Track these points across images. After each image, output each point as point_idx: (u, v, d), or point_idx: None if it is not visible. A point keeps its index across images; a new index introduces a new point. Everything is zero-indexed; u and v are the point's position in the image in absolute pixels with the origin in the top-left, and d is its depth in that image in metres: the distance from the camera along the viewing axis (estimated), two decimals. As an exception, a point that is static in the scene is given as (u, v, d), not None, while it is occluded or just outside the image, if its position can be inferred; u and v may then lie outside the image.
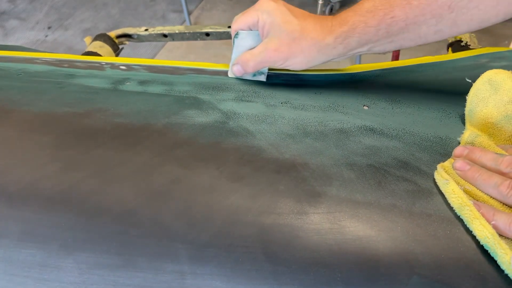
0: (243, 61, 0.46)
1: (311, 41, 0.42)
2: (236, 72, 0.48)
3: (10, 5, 2.30)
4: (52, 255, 0.32)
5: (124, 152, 0.38)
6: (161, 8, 2.19)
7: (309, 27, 0.42)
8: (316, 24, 0.42)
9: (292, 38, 0.42)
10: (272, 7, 0.43)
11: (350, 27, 0.41)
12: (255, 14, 0.44)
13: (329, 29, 0.42)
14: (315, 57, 0.43)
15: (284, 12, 0.43)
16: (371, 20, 0.41)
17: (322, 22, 0.43)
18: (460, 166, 0.34)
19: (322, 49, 0.43)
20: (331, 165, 0.37)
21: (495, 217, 0.30)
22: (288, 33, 0.42)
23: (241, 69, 0.47)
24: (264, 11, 0.43)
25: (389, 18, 0.40)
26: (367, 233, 0.31)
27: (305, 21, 0.42)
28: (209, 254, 0.31)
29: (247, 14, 0.45)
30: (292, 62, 0.44)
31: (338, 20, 0.42)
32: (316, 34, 0.42)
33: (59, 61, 0.54)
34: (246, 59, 0.46)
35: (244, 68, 0.46)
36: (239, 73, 0.48)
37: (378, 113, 0.43)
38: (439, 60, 0.52)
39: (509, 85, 0.38)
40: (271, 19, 0.43)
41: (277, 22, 0.42)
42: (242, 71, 0.47)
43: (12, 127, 0.42)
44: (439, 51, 1.64)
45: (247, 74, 0.48)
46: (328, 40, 0.42)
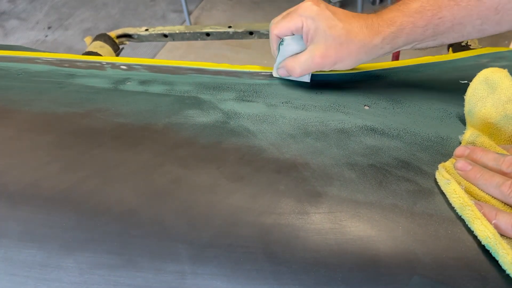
0: (289, 68, 0.46)
1: (358, 43, 0.42)
2: (282, 74, 0.48)
3: (10, 5, 2.30)
4: (53, 255, 0.32)
5: (124, 152, 0.38)
6: (161, 8, 2.19)
7: (355, 29, 0.42)
8: (361, 26, 0.42)
9: (339, 42, 0.42)
10: (315, 12, 0.42)
11: (398, 28, 0.41)
12: (299, 20, 0.43)
13: (376, 30, 0.42)
14: (362, 58, 0.43)
15: (329, 17, 0.42)
16: (419, 21, 0.41)
17: (367, 23, 0.42)
18: (461, 166, 0.34)
19: (370, 50, 0.42)
20: (332, 165, 0.37)
21: (497, 217, 0.29)
22: (334, 38, 0.42)
23: (287, 73, 0.47)
24: (309, 17, 0.42)
25: (437, 18, 0.40)
26: (368, 233, 0.31)
27: (350, 24, 0.42)
28: (209, 254, 0.31)
29: (289, 19, 0.44)
30: (339, 65, 0.44)
31: (385, 20, 0.42)
32: (363, 37, 0.42)
33: (60, 61, 0.54)
34: (292, 66, 0.45)
35: (291, 73, 0.46)
36: (285, 75, 0.48)
37: (379, 113, 0.43)
38: (439, 60, 0.52)
39: (506, 84, 0.38)
40: (316, 25, 0.42)
41: (322, 27, 0.42)
42: (288, 74, 0.47)
43: (12, 127, 0.42)
44: (440, 51, 1.64)
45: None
46: (376, 41, 0.42)
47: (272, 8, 2.06)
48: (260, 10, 2.07)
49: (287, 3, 2.08)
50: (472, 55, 0.53)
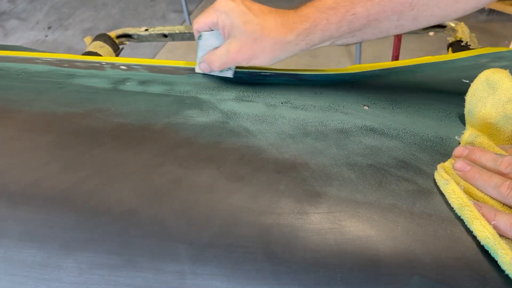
0: (208, 61, 0.47)
1: (272, 40, 0.42)
2: (203, 69, 0.49)
3: (10, 5, 2.30)
4: (53, 255, 0.32)
5: (124, 152, 0.38)
6: (161, 8, 2.19)
7: (270, 25, 0.42)
8: (276, 22, 0.42)
9: (253, 38, 0.42)
10: (230, 7, 0.42)
11: (312, 24, 0.41)
12: (215, 15, 0.43)
13: (291, 27, 0.42)
14: (278, 54, 0.43)
15: (243, 12, 0.42)
16: (333, 17, 0.41)
17: (283, 19, 0.42)
18: (460, 166, 0.34)
19: (284, 46, 0.42)
20: (332, 165, 0.37)
21: (496, 218, 0.30)
22: (248, 34, 0.42)
23: (207, 67, 0.47)
24: (223, 12, 0.43)
25: (350, 15, 0.40)
26: (367, 233, 0.31)
27: (265, 20, 0.42)
28: (209, 254, 0.31)
29: (206, 14, 0.45)
30: (256, 61, 0.44)
31: (299, 16, 0.42)
32: (277, 33, 0.42)
33: (60, 61, 0.54)
34: (211, 60, 0.46)
35: (211, 67, 0.47)
36: (206, 70, 0.48)
37: (379, 113, 0.43)
38: (439, 60, 0.52)
39: (507, 84, 0.38)
40: (230, 21, 0.42)
41: (237, 23, 0.42)
42: (209, 69, 0.48)
43: (12, 127, 0.42)
44: (439, 51, 1.64)
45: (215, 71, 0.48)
46: (290, 37, 0.42)
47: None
48: (260, 10, 2.06)
49: (286, 3, 2.08)
50: (472, 55, 0.53)
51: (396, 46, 1.34)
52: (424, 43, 1.68)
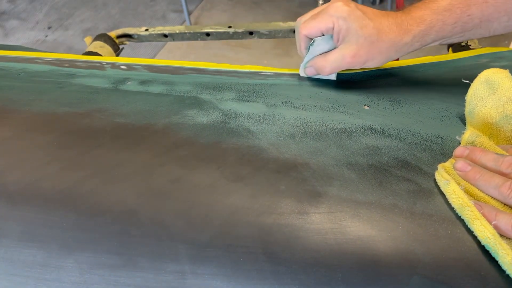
0: (318, 66, 0.46)
1: (389, 42, 0.42)
2: (309, 73, 0.48)
3: (10, 5, 2.30)
4: (53, 255, 0.32)
5: (124, 152, 0.38)
6: (161, 8, 2.19)
7: (385, 28, 0.42)
8: (391, 24, 0.42)
9: (370, 42, 0.42)
10: (347, 12, 0.42)
11: (428, 26, 0.42)
12: (330, 20, 0.43)
13: (406, 28, 0.42)
14: (392, 56, 0.44)
15: (360, 16, 0.42)
16: (449, 19, 0.41)
17: (397, 21, 0.42)
18: (461, 166, 0.34)
19: (400, 48, 0.43)
20: (332, 165, 0.37)
21: (497, 218, 0.29)
22: (366, 37, 0.42)
23: (315, 72, 0.47)
24: (340, 17, 0.42)
25: (466, 16, 0.41)
26: (368, 233, 0.31)
27: (380, 23, 0.42)
28: (209, 254, 0.31)
29: (320, 19, 0.44)
30: (369, 64, 0.44)
31: (415, 18, 0.42)
32: (393, 35, 0.42)
33: (60, 61, 0.54)
34: (322, 65, 0.45)
35: (320, 72, 0.46)
36: (312, 74, 0.48)
37: (379, 113, 0.43)
38: (439, 60, 0.52)
39: (507, 84, 0.38)
40: (347, 25, 0.42)
41: (354, 27, 0.42)
42: (316, 73, 0.47)
43: (12, 127, 0.42)
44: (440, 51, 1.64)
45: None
46: (406, 39, 0.42)
47: (272, 8, 2.06)
48: (260, 10, 2.07)
49: (287, 3, 2.08)
50: (472, 55, 0.53)
51: (396, 46, 1.34)
52: (424, 43, 1.67)
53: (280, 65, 0.49)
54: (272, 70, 0.51)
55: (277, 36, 0.82)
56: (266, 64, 1.74)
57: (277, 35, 0.81)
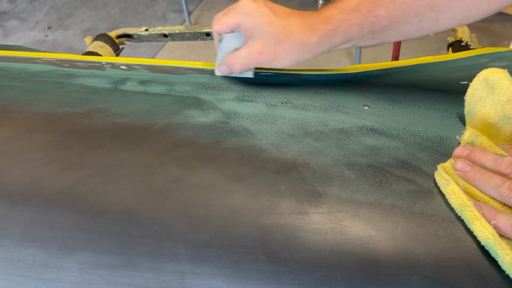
0: (229, 63, 0.46)
1: (296, 41, 0.42)
2: (223, 71, 0.48)
3: (10, 5, 2.30)
4: (53, 255, 0.32)
5: (124, 152, 0.38)
6: (161, 8, 2.19)
7: (293, 27, 0.42)
8: (299, 23, 0.42)
9: (277, 39, 0.42)
10: (253, 8, 0.42)
11: (335, 26, 0.41)
12: (237, 17, 0.43)
13: (314, 28, 0.42)
14: (300, 56, 0.43)
15: (266, 13, 0.42)
16: (355, 19, 0.41)
17: (306, 20, 0.42)
18: (460, 167, 0.34)
19: (308, 48, 0.42)
20: (332, 165, 0.37)
21: (496, 218, 0.30)
22: (272, 35, 0.42)
23: (228, 69, 0.47)
24: (246, 14, 0.42)
25: (372, 16, 0.40)
26: (368, 233, 0.31)
27: (288, 21, 0.42)
28: (209, 254, 0.31)
29: (228, 16, 0.44)
30: (277, 62, 0.44)
31: (323, 17, 0.42)
32: (300, 34, 0.42)
33: (60, 61, 0.54)
34: (232, 61, 0.46)
35: (231, 69, 0.47)
36: (226, 72, 0.48)
37: (379, 113, 0.43)
38: (439, 60, 0.52)
39: (506, 84, 0.38)
40: (253, 22, 0.42)
41: (260, 24, 0.42)
42: (229, 71, 0.47)
43: (12, 127, 0.42)
44: (439, 51, 1.64)
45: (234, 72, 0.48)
46: (313, 39, 0.42)
47: (272, 8, 2.05)
48: (260, 10, 2.06)
49: (286, 3, 2.08)
50: (472, 55, 0.53)
51: (396, 46, 1.34)
52: (424, 43, 1.67)
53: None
54: (272, 70, 0.51)
55: (277, 36, 0.81)
56: (266, 64, 1.73)
57: (277, 35, 0.81)
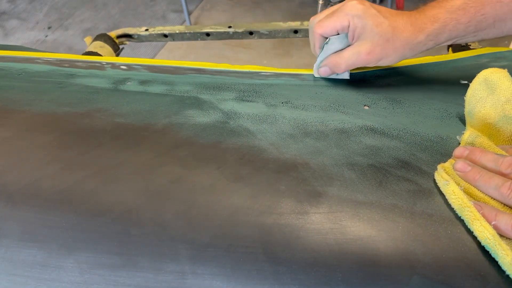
0: (333, 64, 0.46)
1: (404, 40, 0.43)
2: (323, 73, 0.48)
3: (10, 5, 2.30)
4: (53, 255, 0.32)
5: (124, 152, 0.38)
6: (161, 8, 2.19)
7: (400, 26, 0.43)
8: (406, 23, 0.43)
9: (385, 39, 0.42)
10: (361, 10, 0.43)
11: (442, 25, 0.42)
12: (346, 19, 0.43)
13: (420, 27, 0.42)
14: (406, 54, 0.44)
15: (375, 14, 0.43)
16: (463, 18, 0.42)
17: (411, 20, 0.43)
18: (460, 167, 0.34)
19: (414, 46, 0.43)
20: (332, 165, 0.37)
21: (496, 218, 0.29)
22: (381, 35, 0.42)
23: (329, 70, 0.47)
24: (355, 15, 0.43)
25: (480, 15, 0.41)
26: (368, 233, 0.31)
27: (395, 21, 0.43)
28: (209, 254, 0.31)
29: (335, 18, 0.44)
30: (384, 61, 0.44)
31: (428, 17, 0.43)
32: (408, 33, 0.42)
33: (60, 61, 0.54)
34: (336, 62, 0.46)
35: (335, 70, 0.47)
36: (326, 74, 0.48)
37: (379, 113, 0.43)
38: (439, 60, 0.52)
39: (505, 84, 0.38)
40: (363, 23, 0.42)
41: (369, 25, 0.42)
42: (330, 72, 0.47)
43: (12, 127, 0.42)
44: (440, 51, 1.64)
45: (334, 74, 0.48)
46: (420, 38, 0.43)
47: (272, 8, 2.06)
48: (260, 10, 2.07)
49: (286, 3, 2.08)
50: (472, 55, 0.53)
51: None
52: (424, 43, 1.67)
53: (280, 65, 0.49)
54: (272, 70, 0.51)
55: (277, 36, 0.82)
56: (266, 64, 1.74)
57: (277, 35, 0.81)
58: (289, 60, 1.75)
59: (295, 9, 2.03)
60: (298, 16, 1.95)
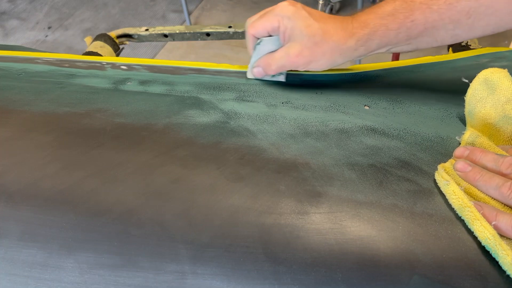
0: (264, 64, 0.46)
1: (333, 44, 0.42)
2: (256, 74, 0.48)
3: (10, 5, 2.30)
4: (53, 255, 0.32)
5: (124, 152, 0.38)
6: (161, 8, 2.19)
7: (330, 30, 0.42)
8: (337, 27, 0.42)
9: (314, 42, 0.42)
10: (292, 11, 0.43)
11: (371, 30, 0.42)
12: (276, 20, 0.43)
13: (350, 32, 0.42)
14: (336, 59, 0.44)
15: (305, 16, 0.42)
16: (392, 24, 0.41)
17: (343, 24, 0.43)
18: (461, 167, 0.34)
19: (344, 51, 0.43)
20: (332, 165, 0.37)
21: (497, 218, 0.29)
22: (310, 37, 0.42)
23: (262, 71, 0.47)
24: (285, 16, 0.43)
25: (409, 21, 0.41)
26: (368, 233, 0.31)
27: (326, 24, 0.42)
28: (209, 254, 0.31)
29: (265, 19, 0.44)
30: (314, 65, 0.44)
31: (359, 22, 0.42)
32: (337, 38, 0.42)
33: (60, 61, 0.54)
34: (267, 63, 0.46)
35: (266, 71, 0.47)
36: (260, 75, 0.48)
37: (379, 113, 0.43)
38: (439, 60, 0.52)
39: (506, 84, 0.38)
40: (292, 24, 0.42)
41: (298, 27, 0.42)
42: (263, 73, 0.47)
43: (12, 127, 0.42)
44: (440, 51, 1.64)
45: (267, 75, 0.48)
46: (350, 43, 0.42)
47: (272, 8, 2.05)
48: (260, 10, 2.07)
49: (287, 3, 2.07)
50: (472, 55, 0.53)
51: (396, 46, 1.34)
52: (424, 43, 1.67)
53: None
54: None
55: (277, 36, 0.82)
56: (266, 64, 1.73)
57: (277, 35, 0.81)
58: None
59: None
60: (298, 16, 1.94)
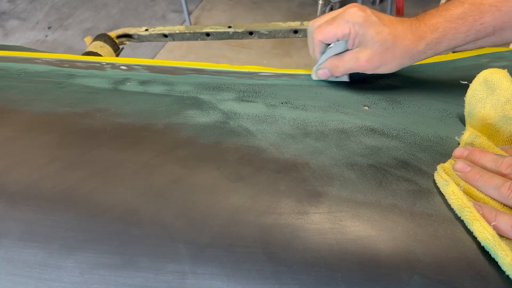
0: (331, 66, 0.46)
1: (403, 48, 0.42)
2: (321, 75, 0.48)
3: (10, 5, 2.30)
4: (53, 255, 0.32)
5: (124, 152, 0.38)
6: (161, 8, 2.19)
7: (400, 35, 0.42)
8: (406, 31, 0.43)
9: (385, 47, 0.42)
10: (363, 18, 0.42)
11: (441, 34, 0.42)
12: (347, 26, 0.43)
13: (420, 36, 0.42)
14: (405, 62, 0.44)
15: (375, 22, 0.42)
16: (462, 27, 0.41)
17: (412, 28, 0.43)
18: (460, 167, 0.34)
19: (413, 55, 0.43)
20: (332, 165, 0.37)
21: (496, 218, 0.30)
22: (381, 43, 0.42)
23: (328, 73, 0.47)
24: (356, 23, 0.42)
25: (479, 24, 0.41)
26: (368, 233, 0.31)
27: (395, 29, 0.43)
28: (210, 254, 0.31)
29: (335, 25, 0.44)
30: (382, 69, 0.44)
31: (428, 26, 0.42)
32: (408, 42, 0.42)
33: (60, 61, 0.54)
34: (335, 65, 0.46)
35: (333, 73, 0.47)
36: (325, 76, 0.48)
37: (379, 113, 0.43)
38: (439, 60, 0.52)
39: (505, 85, 0.38)
40: (364, 31, 0.42)
41: (370, 33, 0.42)
42: (329, 74, 0.47)
43: (12, 127, 0.42)
44: (439, 51, 1.63)
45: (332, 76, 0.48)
46: (420, 47, 0.42)
47: (272, 8, 2.06)
48: (260, 10, 2.07)
49: (286, 3, 2.08)
50: (472, 55, 0.53)
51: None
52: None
53: (280, 65, 0.49)
54: (272, 70, 0.51)
55: (277, 36, 0.82)
56: (266, 64, 1.74)
57: (277, 35, 0.82)
58: (289, 60, 1.75)
59: (295, 9, 2.03)
60: (298, 16, 1.95)
